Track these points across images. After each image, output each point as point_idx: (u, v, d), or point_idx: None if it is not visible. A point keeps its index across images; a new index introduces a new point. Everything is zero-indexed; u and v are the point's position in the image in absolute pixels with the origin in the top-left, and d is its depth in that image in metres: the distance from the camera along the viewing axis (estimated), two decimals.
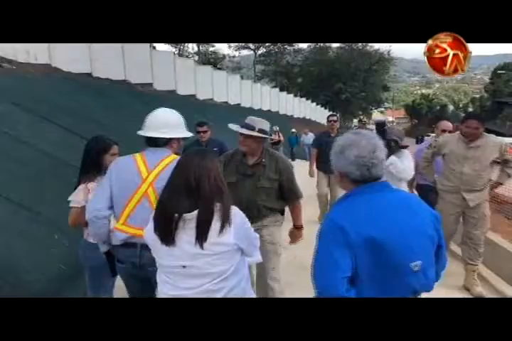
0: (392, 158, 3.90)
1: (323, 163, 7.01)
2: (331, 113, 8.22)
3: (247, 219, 2.11)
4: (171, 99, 15.27)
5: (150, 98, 13.33)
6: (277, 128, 16.24)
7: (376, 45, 50.37)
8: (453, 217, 4.45)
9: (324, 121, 38.60)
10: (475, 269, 4.44)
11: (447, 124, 5.51)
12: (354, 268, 1.57)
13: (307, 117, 36.93)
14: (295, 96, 37.66)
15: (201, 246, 1.89)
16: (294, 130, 20.76)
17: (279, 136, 15.83)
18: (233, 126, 3.28)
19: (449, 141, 4.43)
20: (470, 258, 4.43)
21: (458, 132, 4.39)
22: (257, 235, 2.23)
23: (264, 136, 3.26)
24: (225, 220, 1.93)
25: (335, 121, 7.11)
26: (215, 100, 21.52)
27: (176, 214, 1.90)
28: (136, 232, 2.45)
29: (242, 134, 3.23)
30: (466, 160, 4.22)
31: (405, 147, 4.17)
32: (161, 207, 1.98)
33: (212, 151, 2.62)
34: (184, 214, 1.90)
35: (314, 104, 42.10)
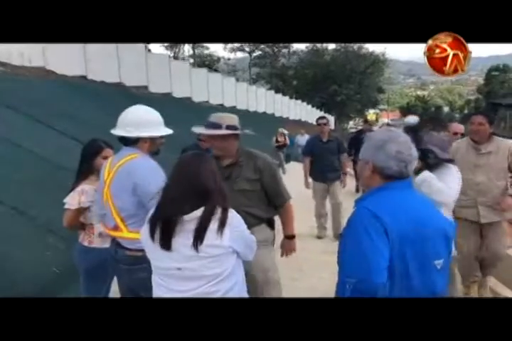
0: (426, 173, 3.01)
1: (318, 172, 6.43)
2: (320, 115, 7.37)
3: (243, 222, 2.09)
4: (166, 102, 15.26)
5: (145, 101, 13.30)
6: (284, 131, 15.81)
7: (371, 48, 50.69)
8: (472, 243, 3.88)
9: None
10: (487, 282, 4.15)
11: (459, 126, 4.96)
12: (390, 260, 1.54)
13: (303, 119, 36.99)
14: (290, 98, 37.72)
15: (197, 249, 1.87)
16: (285, 131, 19.01)
17: (285, 139, 15.58)
18: (197, 129, 2.93)
19: (460, 147, 3.92)
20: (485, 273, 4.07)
21: (468, 137, 3.97)
22: (254, 238, 2.18)
23: (233, 132, 2.85)
24: (223, 222, 1.92)
25: (325, 124, 6.43)
26: (211, 102, 21.52)
27: (174, 217, 1.89)
28: (109, 232, 2.60)
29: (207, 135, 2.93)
30: (477, 168, 3.75)
31: (450, 161, 3.21)
32: (162, 210, 1.95)
33: (208, 154, 2.60)
34: (183, 216, 1.88)
35: (310, 106, 42.19)
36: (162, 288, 1.99)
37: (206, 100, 21.06)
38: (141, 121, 2.57)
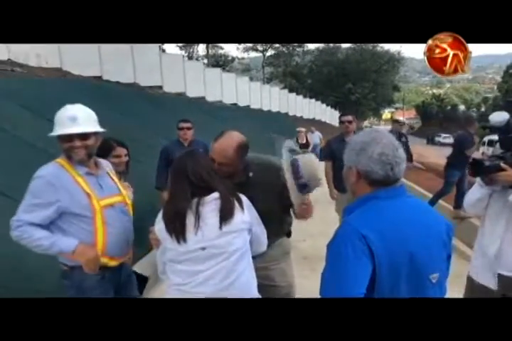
0: None
1: (341, 181, 4.23)
2: (343, 112, 5.97)
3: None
4: (179, 102, 15.33)
5: (159, 101, 13.41)
6: (302, 129, 13.74)
7: (386, 46, 50.18)
8: None
9: (334, 122, 38.13)
10: None
11: None
12: (372, 282, 1.44)
13: (317, 118, 36.83)
14: (304, 97, 37.59)
15: (223, 226, 2.00)
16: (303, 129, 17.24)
17: (307, 140, 13.15)
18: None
19: None
20: None
21: None
22: (265, 231, 2.28)
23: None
24: (240, 200, 2.09)
25: (350, 122, 5.19)
26: (224, 102, 21.56)
27: (195, 199, 2.01)
28: None
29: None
30: None
31: None
32: (172, 206, 2.05)
33: (200, 150, 2.61)
34: (204, 197, 2.02)
35: (324, 105, 41.99)
36: (182, 274, 2.04)
37: (220, 100, 21.11)
38: (57, 119, 2.42)
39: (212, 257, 2.01)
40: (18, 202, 2.39)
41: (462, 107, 74.71)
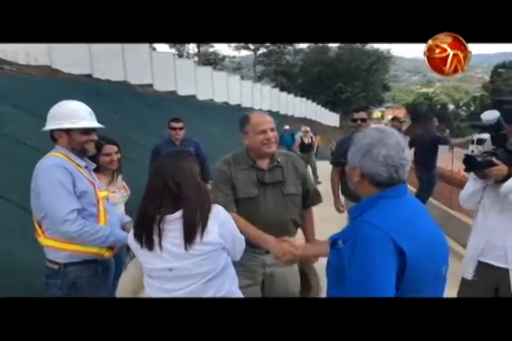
0: None
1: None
2: (355, 107, 5.27)
3: (230, 217, 2.07)
4: (170, 100, 15.27)
5: (150, 99, 13.34)
6: (308, 128, 12.77)
7: (376, 45, 50.45)
8: None
9: (326, 122, 38.06)
10: None
11: None
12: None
13: (308, 117, 36.90)
14: (295, 96, 37.63)
15: (188, 247, 1.86)
16: (287, 127, 15.43)
17: (311, 141, 12.26)
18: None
19: None
20: None
21: None
22: (243, 236, 2.15)
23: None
24: (207, 219, 1.91)
25: (363, 120, 4.42)
26: (216, 101, 21.52)
27: (158, 216, 1.88)
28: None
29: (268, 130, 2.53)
30: None
31: None
32: (142, 211, 1.95)
33: (187, 151, 2.50)
34: (167, 216, 1.88)
35: (315, 103, 42.08)
36: (154, 289, 1.98)
37: (211, 98, 21.06)
38: (56, 113, 2.44)
39: (181, 279, 1.92)
40: (8, 201, 2.35)
41: (451, 106, 75.37)
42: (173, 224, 1.89)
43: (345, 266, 1.48)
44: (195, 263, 1.90)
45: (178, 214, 1.88)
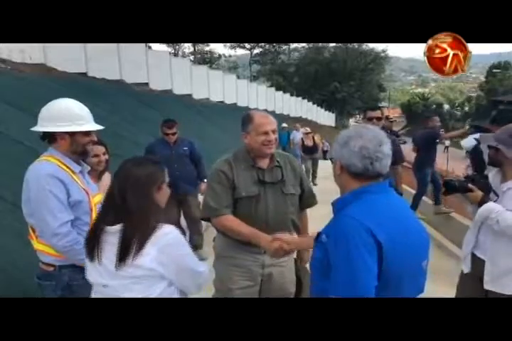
0: (492, 204, 2.53)
1: None
2: (370, 105, 4.45)
3: (186, 245, 1.81)
4: (166, 99, 15.23)
5: (146, 98, 13.30)
6: (308, 129, 11.87)
7: (371, 44, 50.58)
8: None
9: (321, 121, 38.09)
10: None
11: None
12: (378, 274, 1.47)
13: (303, 116, 36.94)
14: (291, 95, 37.67)
15: (118, 266, 1.68)
16: (285, 125, 15.24)
17: (314, 141, 11.14)
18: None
19: None
20: None
21: None
22: (203, 269, 1.88)
23: None
24: (146, 239, 1.67)
25: (378, 119, 4.26)
26: (211, 100, 21.50)
27: (101, 226, 1.74)
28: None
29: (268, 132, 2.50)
30: None
31: None
32: (95, 219, 1.88)
33: (154, 158, 2.20)
34: (107, 227, 1.72)
35: (310, 103, 42.14)
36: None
37: (207, 97, 21.04)
38: (59, 114, 2.30)
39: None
40: (3, 200, 2.33)
41: (446, 106, 75.65)
42: (113, 237, 1.71)
43: (331, 258, 1.50)
44: (124, 285, 1.71)
45: (118, 227, 1.70)
